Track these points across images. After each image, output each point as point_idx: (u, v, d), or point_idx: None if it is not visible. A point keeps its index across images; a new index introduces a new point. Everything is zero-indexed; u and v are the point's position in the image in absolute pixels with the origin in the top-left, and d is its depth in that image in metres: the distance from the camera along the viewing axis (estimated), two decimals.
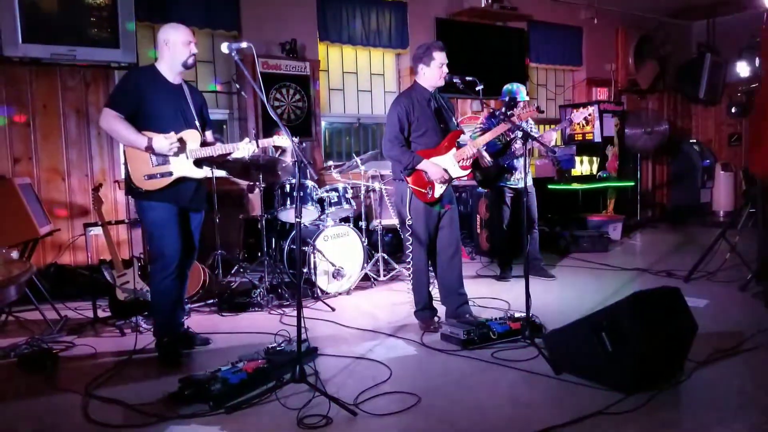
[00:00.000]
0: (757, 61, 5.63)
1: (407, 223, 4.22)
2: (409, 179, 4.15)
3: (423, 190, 4.13)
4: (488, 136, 4.42)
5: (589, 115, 7.56)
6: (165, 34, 3.67)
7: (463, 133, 4.35)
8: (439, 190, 4.15)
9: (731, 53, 10.13)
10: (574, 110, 5.63)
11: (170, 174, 3.63)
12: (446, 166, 4.15)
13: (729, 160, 10.50)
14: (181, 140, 3.61)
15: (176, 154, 3.61)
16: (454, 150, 4.19)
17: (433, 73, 4.13)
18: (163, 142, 3.54)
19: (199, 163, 3.75)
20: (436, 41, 4.32)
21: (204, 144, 3.79)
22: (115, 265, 4.49)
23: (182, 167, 3.67)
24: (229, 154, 3.84)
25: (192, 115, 3.77)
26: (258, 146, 3.89)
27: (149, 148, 3.53)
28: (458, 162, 4.19)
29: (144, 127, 3.59)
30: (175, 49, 3.66)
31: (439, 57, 4.10)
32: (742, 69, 9.91)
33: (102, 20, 5.49)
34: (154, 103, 3.62)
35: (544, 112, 8.62)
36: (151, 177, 3.59)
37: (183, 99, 3.77)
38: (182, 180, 3.68)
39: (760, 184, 5.11)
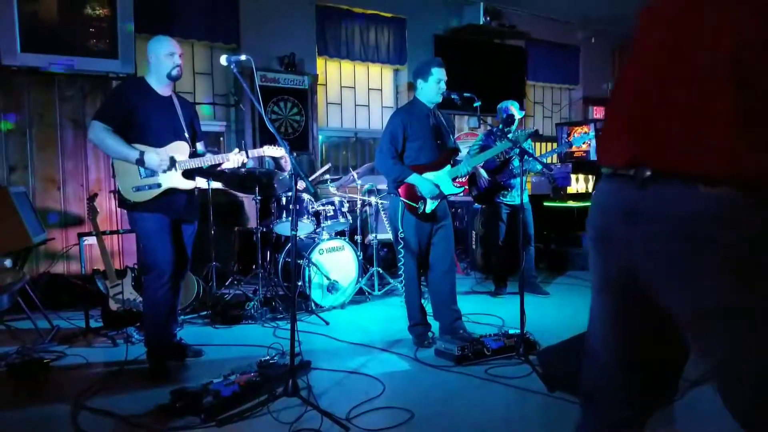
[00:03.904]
0: None
1: (399, 236, 4.22)
2: (401, 192, 4.16)
3: (414, 205, 4.13)
4: (483, 157, 4.44)
5: (589, 140, 7.62)
6: (149, 49, 3.70)
7: (459, 151, 4.36)
8: (430, 205, 4.14)
9: None
10: (572, 130, 5.65)
11: (158, 186, 3.62)
12: (439, 183, 4.15)
13: None
14: (171, 158, 3.63)
15: (165, 171, 3.62)
16: (449, 167, 4.20)
17: (431, 89, 4.15)
18: (154, 158, 3.56)
19: (188, 174, 3.75)
20: (436, 57, 4.35)
21: (194, 155, 3.80)
22: (109, 276, 4.47)
23: (171, 179, 3.66)
24: (219, 165, 3.87)
25: (181, 127, 3.78)
26: (248, 156, 3.90)
27: (140, 162, 3.54)
28: (452, 179, 4.20)
29: (133, 139, 3.59)
30: (159, 61, 3.67)
31: (437, 73, 4.12)
32: None
33: (101, 31, 5.51)
34: (143, 114, 3.62)
35: (538, 131, 8.68)
36: (139, 189, 3.59)
37: (172, 110, 3.77)
38: (172, 191, 3.68)
39: None
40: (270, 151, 4.03)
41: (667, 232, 1.30)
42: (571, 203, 8.23)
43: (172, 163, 3.64)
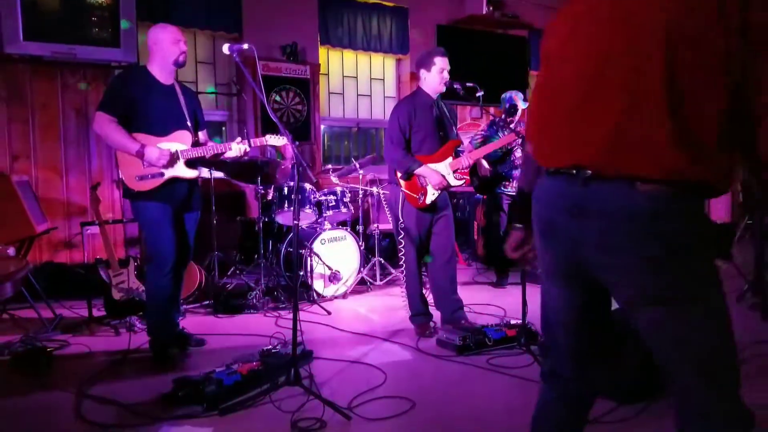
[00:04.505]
0: None
1: (399, 226, 4.22)
2: (402, 183, 4.15)
3: (415, 195, 4.13)
4: (485, 150, 4.43)
5: None
6: (154, 35, 3.68)
7: (461, 143, 4.35)
8: (430, 196, 4.14)
9: None
10: None
11: (161, 175, 3.63)
12: (442, 174, 4.15)
13: None
14: (172, 154, 3.62)
15: (165, 167, 3.61)
16: (450, 159, 4.19)
17: (433, 79, 4.14)
18: (154, 152, 3.55)
19: (191, 163, 3.75)
20: (439, 47, 4.34)
21: (196, 144, 3.80)
22: (111, 265, 4.48)
23: (174, 168, 3.67)
24: (222, 153, 3.87)
25: (184, 116, 3.77)
26: (250, 145, 3.90)
27: (139, 154, 3.53)
28: (453, 171, 4.19)
29: (136, 128, 3.59)
30: (164, 49, 3.66)
31: (440, 62, 4.11)
32: None
33: (103, 20, 5.50)
34: (145, 103, 3.61)
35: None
36: (142, 178, 3.59)
37: (175, 99, 3.77)
38: (175, 180, 3.69)
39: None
40: (272, 140, 4.03)
41: (610, 225, 1.43)
42: None
43: (173, 159, 3.63)
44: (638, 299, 1.46)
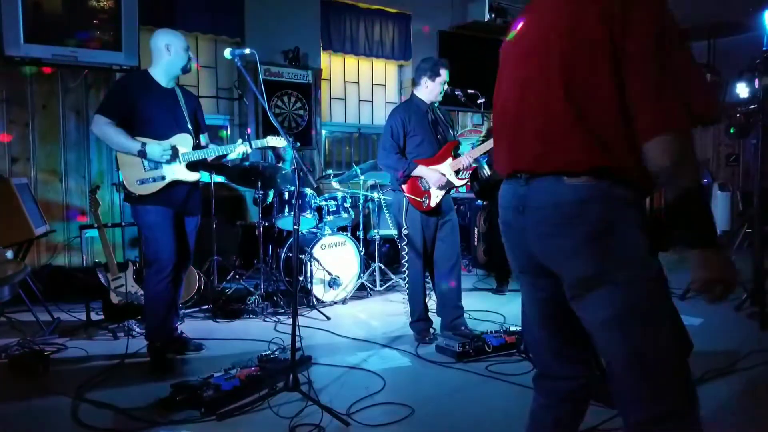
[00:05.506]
0: (757, 82, 5.64)
1: (404, 232, 4.21)
2: (405, 188, 4.15)
3: (419, 199, 4.13)
4: (485, 147, 4.43)
5: None
6: (165, 40, 3.68)
7: (459, 143, 4.35)
8: (435, 199, 4.14)
9: (731, 74, 10.16)
10: None
11: (162, 178, 3.63)
12: (443, 173, 4.15)
13: (726, 181, 10.51)
14: (174, 148, 3.63)
15: (168, 162, 3.61)
16: (450, 159, 4.20)
17: (435, 89, 4.16)
18: (156, 149, 3.55)
19: (192, 166, 3.75)
20: (443, 58, 4.35)
21: (197, 147, 3.80)
22: (110, 268, 4.47)
23: (175, 171, 3.66)
24: (224, 156, 3.86)
25: (185, 119, 3.77)
26: (251, 147, 3.90)
27: (142, 154, 3.53)
28: (454, 171, 4.19)
29: (137, 132, 3.59)
30: (176, 55, 3.67)
31: (444, 75, 4.14)
32: (742, 90, 9.92)
33: (105, 23, 5.50)
34: (146, 107, 3.62)
35: None
36: (143, 182, 3.59)
37: (176, 103, 3.77)
38: (176, 184, 3.68)
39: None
40: (273, 141, 4.03)
41: (546, 216, 1.63)
42: None
43: (175, 153, 3.63)
44: (576, 284, 1.61)
